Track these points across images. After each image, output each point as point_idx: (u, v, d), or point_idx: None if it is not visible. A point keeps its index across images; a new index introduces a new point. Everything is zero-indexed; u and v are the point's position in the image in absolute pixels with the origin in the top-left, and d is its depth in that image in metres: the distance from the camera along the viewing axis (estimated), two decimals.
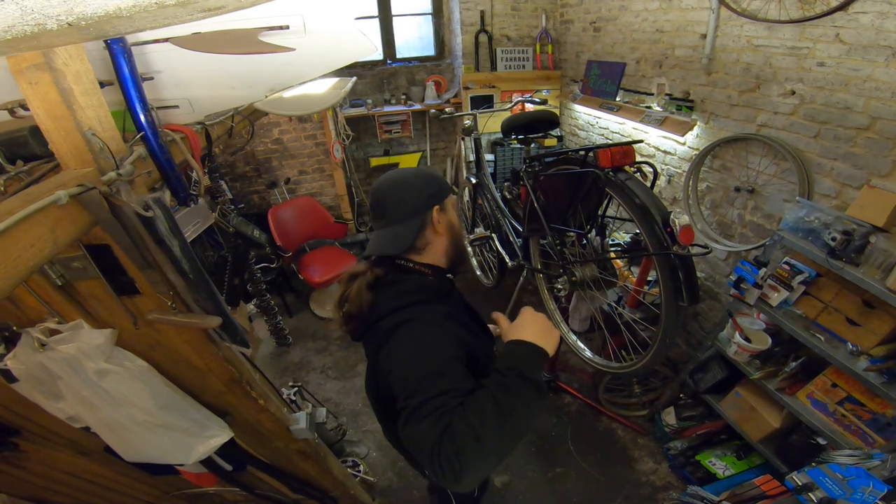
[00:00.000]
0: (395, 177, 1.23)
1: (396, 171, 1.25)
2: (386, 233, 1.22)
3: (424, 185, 1.21)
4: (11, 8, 0.35)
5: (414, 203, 1.19)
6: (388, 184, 1.21)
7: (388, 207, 1.20)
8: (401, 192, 1.20)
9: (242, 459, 1.72)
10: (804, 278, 1.94)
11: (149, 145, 1.05)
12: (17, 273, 0.66)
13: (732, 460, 2.44)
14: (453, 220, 1.28)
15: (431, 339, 1.07)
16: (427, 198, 1.21)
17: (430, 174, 1.24)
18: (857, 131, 1.92)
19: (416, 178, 1.22)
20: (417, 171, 1.24)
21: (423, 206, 1.20)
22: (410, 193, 1.20)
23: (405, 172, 1.24)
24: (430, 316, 1.13)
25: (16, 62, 0.77)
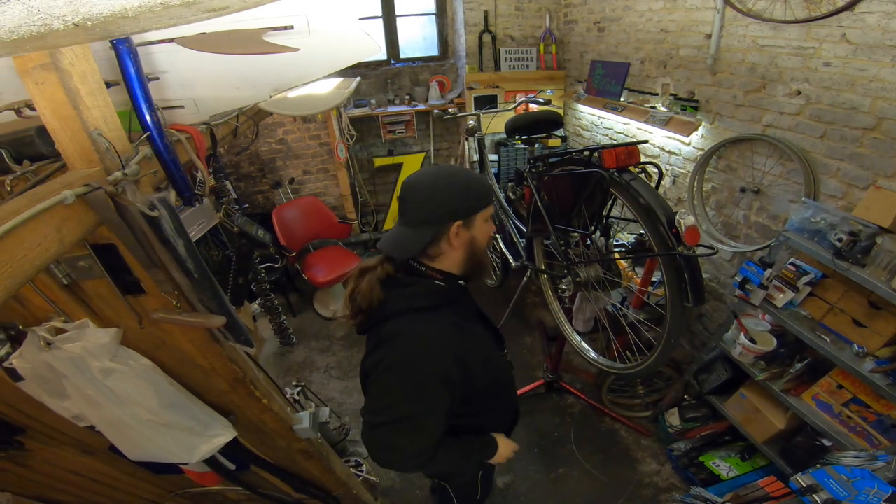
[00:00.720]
0: (426, 178, 1.14)
1: (434, 170, 1.16)
2: (400, 233, 1.18)
3: (452, 196, 1.13)
4: (17, 8, 0.35)
5: (433, 213, 1.13)
6: (416, 183, 1.14)
7: (409, 208, 1.15)
8: (424, 196, 1.13)
9: (246, 459, 1.72)
10: (810, 279, 1.93)
11: (154, 145, 1.05)
12: (23, 272, 0.66)
13: (736, 462, 2.43)
14: (477, 237, 1.19)
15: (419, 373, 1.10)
16: (448, 212, 1.13)
17: (466, 183, 1.14)
18: (864, 131, 1.91)
19: (448, 186, 1.13)
20: (455, 177, 1.14)
21: (441, 219, 1.14)
22: (433, 201, 1.13)
23: (442, 174, 1.15)
24: (431, 329, 1.13)
25: (22, 62, 0.78)
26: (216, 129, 1.57)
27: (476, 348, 1.23)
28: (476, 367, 1.19)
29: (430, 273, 1.20)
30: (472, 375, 1.18)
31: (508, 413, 1.53)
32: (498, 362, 1.40)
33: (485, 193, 1.17)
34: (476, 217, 1.16)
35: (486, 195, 1.18)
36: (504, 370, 1.45)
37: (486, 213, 1.18)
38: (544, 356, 3.26)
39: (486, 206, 1.18)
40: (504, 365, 1.48)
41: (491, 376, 1.30)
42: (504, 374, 1.44)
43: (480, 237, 1.20)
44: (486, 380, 1.26)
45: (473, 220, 1.16)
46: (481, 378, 1.23)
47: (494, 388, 1.35)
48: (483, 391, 1.27)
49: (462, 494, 1.65)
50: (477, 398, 1.26)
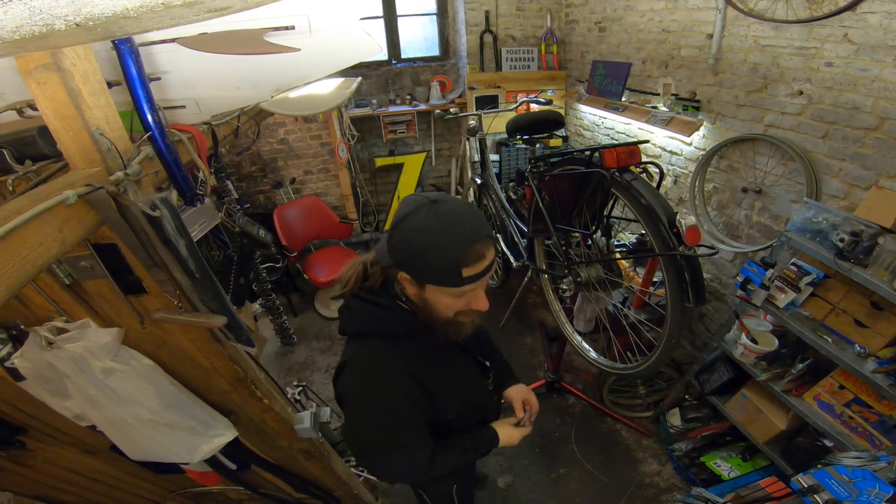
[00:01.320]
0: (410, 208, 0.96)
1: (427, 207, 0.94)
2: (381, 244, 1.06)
3: (405, 246, 0.96)
4: (19, 8, 0.35)
5: (388, 244, 1.00)
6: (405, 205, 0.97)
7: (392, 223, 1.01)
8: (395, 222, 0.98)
9: (247, 459, 1.72)
10: (811, 279, 1.93)
11: (156, 145, 1.06)
12: (25, 272, 0.66)
13: (738, 462, 2.42)
14: (431, 301, 1.02)
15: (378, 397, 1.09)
16: (394, 257, 0.99)
17: (420, 243, 0.93)
18: (866, 132, 1.91)
19: (412, 233, 0.94)
20: (426, 233, 0.92)
21: (390, 258, 1.01)
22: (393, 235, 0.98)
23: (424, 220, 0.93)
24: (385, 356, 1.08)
25: (24, 62, 0.78)
26: (217, 129, 1.57)
27: (444, 376, 1.17)
28: (442, 393, 1.15)
29: (403, 300, 1.09)
30: (438, 401, 1.15)
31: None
32: (474, 390, 1.33)
33: (439, 271, 0.94)
34: (426, 286, 0.99)
35: (442, 274, 0.94)
36: (482, 399, 1.37)
37: (440, 289, 0.98)
38: (545, 356, 3.26)
39: (438, 285, 0.97)
40: (484, 394, 1.39)
41: (463, 405, 1.24)
42: (482, 403, 1.37)
43: (434, 304, 1.03)
44: (458, 407, 1.22)
45: (423, 285, 0.99)
46: (451, 406, 1.20)
47: (469, 416, 1.31)
48: (457, 419, 1.24)
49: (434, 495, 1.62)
50: (451, 425, 1.23)
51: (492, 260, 0.97)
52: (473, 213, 0.98)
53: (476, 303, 1.03)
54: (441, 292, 0.99)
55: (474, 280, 0.95)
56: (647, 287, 2.63)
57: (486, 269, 0.96)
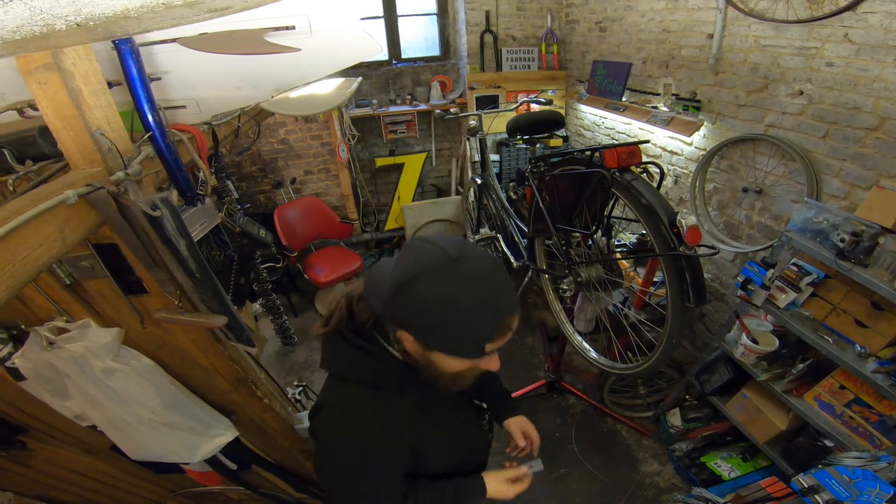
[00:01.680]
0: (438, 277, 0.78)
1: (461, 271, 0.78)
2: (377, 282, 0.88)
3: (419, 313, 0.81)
4: (20, 8, 0.35)
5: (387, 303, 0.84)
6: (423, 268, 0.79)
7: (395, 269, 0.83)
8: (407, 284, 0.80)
9: (247, 458, 1.73)
10: (812, 280, 1.93)
11: (156, 145, 1.06)
12: (25, 272, 0.66)
13: (738, 462, 2.42)
14: (436, 364, 0.88)
15: (348, 460, 0.95)
16: (399, 320, 0.86)
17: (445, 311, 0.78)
18: (866, 132, 1.90)
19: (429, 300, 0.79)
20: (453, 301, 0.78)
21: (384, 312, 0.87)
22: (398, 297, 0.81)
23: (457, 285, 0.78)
24: (362, 417, 0.95)
25: (25, 62, 0.78)
26: (218, 129, 1.57)
27: (434, 432, 1.05)
28: (430, 450, 1.04)
29: (396, 346, 0.95)
30: (424, 459, 1.04)
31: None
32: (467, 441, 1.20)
33: (461, 343, 0.83)
34: (435, 351, 0.86)
35: (463, 346, 0.83)
36: (476, 445, 1.24)
37: (459, 359, 0.86)
38: (545, 356, 3.26)
39: (454, 355, 0.85)
40: (478, 444, 1.25)
41: (453, 458, 1.15)
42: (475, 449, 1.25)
43: (440, 367, 0.89)
44: (446, 462, 1.12)
45: (431, 350, 0.86)
46: (439, 462, 1.10)
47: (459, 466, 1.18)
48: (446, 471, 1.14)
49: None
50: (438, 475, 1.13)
51: (515, 328, 0.86)
52: (503, 276, 0.84)
53: (487, 364, 0.90)
54: (452, 359, 0.86)
55: (494, 352, 0.87)
56: (648, 287, 2.63)
57: (508, 339, 0.86)
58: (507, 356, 3.58)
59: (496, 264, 0.84)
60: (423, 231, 4.57)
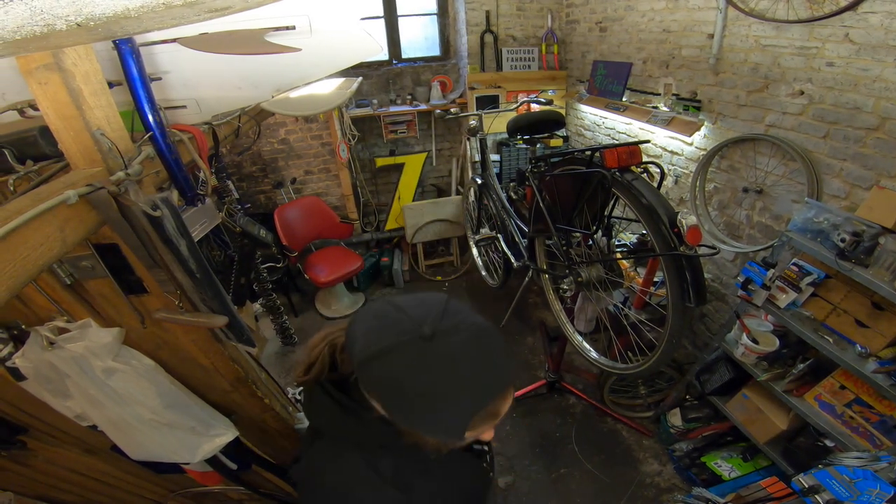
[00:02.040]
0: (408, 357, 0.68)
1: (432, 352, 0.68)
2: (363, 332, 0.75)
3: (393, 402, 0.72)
4: (21, 8, 0.35)
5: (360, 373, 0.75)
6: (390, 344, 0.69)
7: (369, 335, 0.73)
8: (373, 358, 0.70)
9: (247, 458, 1.72)
10: (813, 280, 1.93)
11: (157, 145, 1.06)
12: (26, 272, 0.66)
13: (738, 462, 2.42)
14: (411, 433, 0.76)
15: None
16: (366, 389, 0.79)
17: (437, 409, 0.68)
18: (867, 132, 1.90)
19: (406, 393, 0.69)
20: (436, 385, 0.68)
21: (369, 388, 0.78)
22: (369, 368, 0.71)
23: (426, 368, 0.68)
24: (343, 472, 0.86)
25: (25, 62, 0.78)
26: (218, 129, 1.57)
27: (435, 491, 0.94)
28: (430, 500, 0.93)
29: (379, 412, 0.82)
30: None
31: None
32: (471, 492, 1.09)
33: (441, 434, 0.71)
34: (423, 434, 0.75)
35: (436, 425, 0.70)
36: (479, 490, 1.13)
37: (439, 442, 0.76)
38: (546, 356, 3.26)
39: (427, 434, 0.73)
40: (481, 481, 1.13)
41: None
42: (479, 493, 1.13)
43: (427, 440, 0.76)
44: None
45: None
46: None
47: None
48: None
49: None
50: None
51: (506, 411, 0.76)
52: (487, 356, 0.71)
53: (480, 436, 0.79)
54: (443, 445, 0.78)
55: (479, 435, 0.76)
56: (648, 287, 2.63)
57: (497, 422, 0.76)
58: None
59: (482, 336, 0.72)
60: (424, 231, 4.57)
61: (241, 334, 1.19)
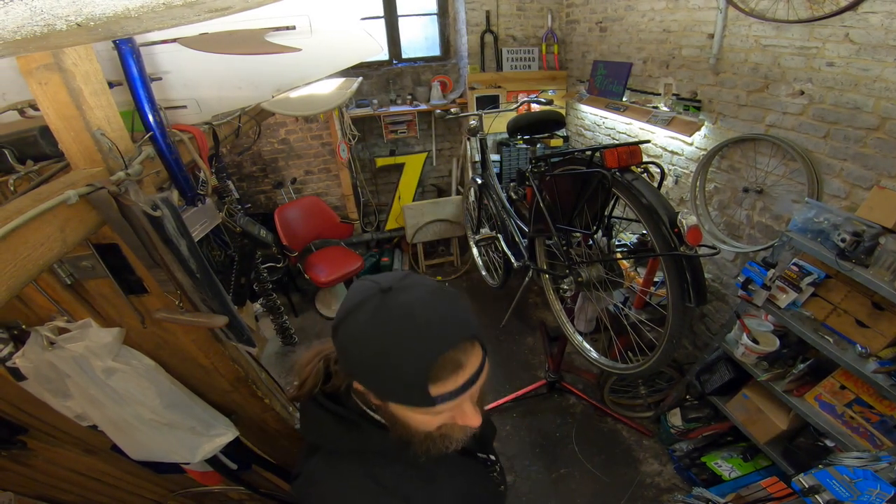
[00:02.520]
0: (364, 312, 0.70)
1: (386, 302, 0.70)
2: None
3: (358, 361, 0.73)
4: (20, 8, 0.35)
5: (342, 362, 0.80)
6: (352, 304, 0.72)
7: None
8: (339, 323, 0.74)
9: (247, 458, 1.72)
10: (813, 280, 1.92)
11: (157, 145, 1.06)
12: (26, 272, 0.66)
13: (738, 462, 2.42)
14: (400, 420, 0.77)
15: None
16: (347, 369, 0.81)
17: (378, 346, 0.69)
18: (867, 132, 1.90)
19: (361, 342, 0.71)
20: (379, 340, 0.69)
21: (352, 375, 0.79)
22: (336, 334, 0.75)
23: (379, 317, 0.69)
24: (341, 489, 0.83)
25: (26, 62, 0.78)
26: (218, 130, 1.57)
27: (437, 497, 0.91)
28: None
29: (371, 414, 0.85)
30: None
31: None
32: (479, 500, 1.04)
33: (398, 383, 0.70)
34: (389, 404, 0.75)
35: (402, 387, 0.70)
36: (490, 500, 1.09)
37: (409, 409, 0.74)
38: (546, 356, 3.26)
39: (401, 404, 0.74)
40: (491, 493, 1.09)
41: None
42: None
43: (406, 422, 0.77)
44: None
45: (384, 402, 0.76)
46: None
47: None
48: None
49: None
50: None
51: (475, 368, 0.73)
52: (444, 305, 0.72)
53: (462, 418, 0.76)
54: (410, 410, 0.74)
55: (450, 398, 0.70)
56: (648, 287, 2.63)
57: (468, 383, 0.72)
58: (508, 356, 3.59)
59: (438, 290, 0.74)
60: (424, 231, 4.57)
61: (241, 334, 1.19)
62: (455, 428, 0.79)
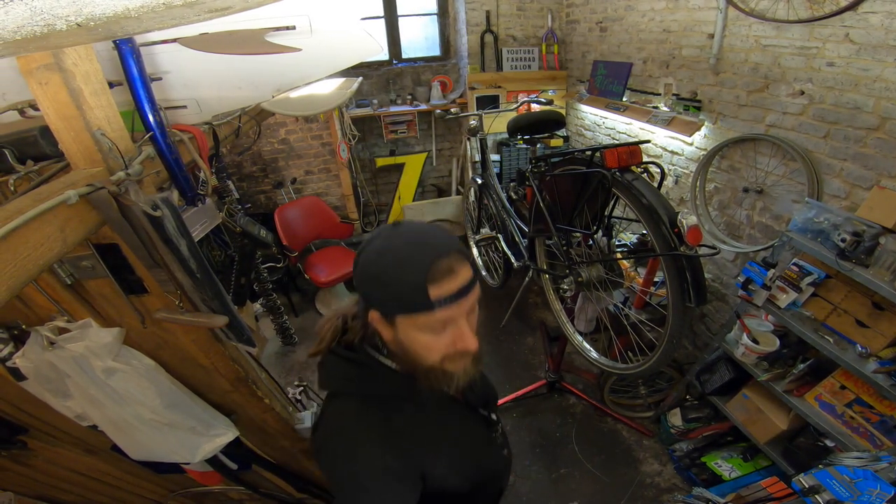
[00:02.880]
0: (373, 239, 0.86)
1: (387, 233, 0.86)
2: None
3: (367, 280, 0.85)
4: (21, 8, 0.35)
5: (358, 285, 0.90)
6: (367, 240, 0.88)
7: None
8: (357, 259, 0.88)
9: (248, 458, 1.73)
10: (813, 280, 1.92)
11: (157, 145, 1.06)
12: (26, 272, 0.66)
13: (738, 462, 2.42)
14: (404, 342, 0.87)
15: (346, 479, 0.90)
16: (362, 294, 0.91)
17: (377, 268, 0.82)
18: (867, 132, 1.90)
19: (370, 263, 0.84)
20: (383, 256, 0.82)
21: (363, 299, 0.93)
22: (356, 271, 0.88)
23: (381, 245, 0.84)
24: (355, 430, 0.91)
25: (26, 62, 0.78)
26: (219, 130, 1.57)
27: (439, 446, 1.00)
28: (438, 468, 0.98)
29: (385, 353, 0.95)
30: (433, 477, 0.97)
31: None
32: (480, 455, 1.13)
33: (401, 294, 0.80)
34: (395, 319, 0.84)
35: (405, 297, 0.80)
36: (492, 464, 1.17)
37: (411, 320, 0.83)
38: (546, 356, 3.26)
39: (406, 313, 0.82)
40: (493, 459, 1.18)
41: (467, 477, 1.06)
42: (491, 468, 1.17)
43: (411, 346, 0.87)
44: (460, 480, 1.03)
45: (394, 322, 0.85)
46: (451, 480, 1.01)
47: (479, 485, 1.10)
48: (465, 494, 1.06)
49: None
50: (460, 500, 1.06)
51: (467, 280, 0.83)
52: (440, 230, 0.88)
53: (461, 340, 0.85)
54: (415, 326, 0.83)
55: (447, 302, 0.80)
56: (649, 287, 2.63)
57: (461, 291, 0.82)
58: (508, 356, 3.59)
59: (436, 226, 0.93)
60: None
61: (241, 334, 1.19)
62: (456, 360, 0.88)
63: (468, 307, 0.85)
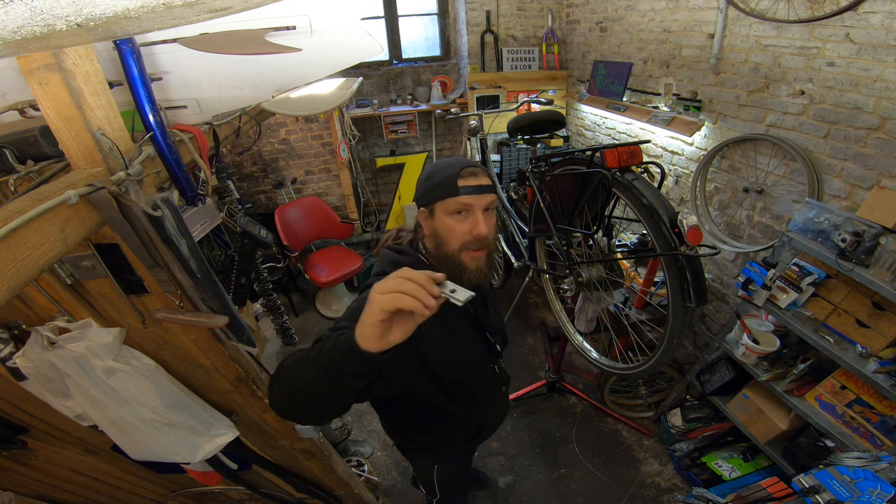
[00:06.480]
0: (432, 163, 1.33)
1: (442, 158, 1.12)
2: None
3: (419, 183, 1.23)
4: (21, 9, 0.35)
5: (417, 191, 1.26)
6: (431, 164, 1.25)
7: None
8: (421, 175, 1.26)
9: (248, 458, 1.72)
10: (813, 280, 1.92)
11: (157, 145, 1.06)
12: (26, 271, 0.66)
13: (739, 462, 2.42)
14: (438, 229, 1.18)
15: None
16: (416, 197, 1.25)
17: (430, 172, 1.20)
18: (868, 131, 1.90)
19: (423, 173, 1.23)
20: (431, 166, 1.21)
21: (417, 203, 1.26)
22: (418, 182, 1.26)
23: (434, 162, 1.29)
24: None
25: (26, 62, 0.78)
26: (219, 130, 1.57)
27: (444, 344, 1.24)
28: (435, 361, 1.22)
29: (420, 251, 1.27)
30: (429, 367, 1.21)
31: (468, 425, 1.48)
32: (473, 369, 1.36)
33: (441, 184, 1.14)
34: (435, 207, 1.17)
35: (443, 186, 1.14)
36: (477, 377, 1.40)
37: (444, 205, 1.15)
38: (546, 356, 3.26)
39: (442, 198, 1.15)
40: (487, 376, 1.45)
41: (453, 376, 1.29)
42: (473, 380, 1.38)
43: (442, 230, 1.17)
44: (450, 381, 1.29)
45: (434, 210, 1.18)
46: (443, 375, 1.26)
47: (456, 390, 1.33)
48: (439, 389, 1.29)
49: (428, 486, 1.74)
50: (430, 395, 1.30)
51: (485, 183, 1.15)
52: (469, 160, 1.22)
53: (476, 227, 1.13)
54: (446, 211, 1.15)
55: (469, 192, 1.12)
56: (649, 287, 2.63)
57: (480, 188, 1.13)
58: (508, 356, 3.58)
59: (466, 158, 1.34)
60: None
61: (241, 334, 1.19)
62: (473, 259, 1.16)
63: (485, 203, 1.15)
